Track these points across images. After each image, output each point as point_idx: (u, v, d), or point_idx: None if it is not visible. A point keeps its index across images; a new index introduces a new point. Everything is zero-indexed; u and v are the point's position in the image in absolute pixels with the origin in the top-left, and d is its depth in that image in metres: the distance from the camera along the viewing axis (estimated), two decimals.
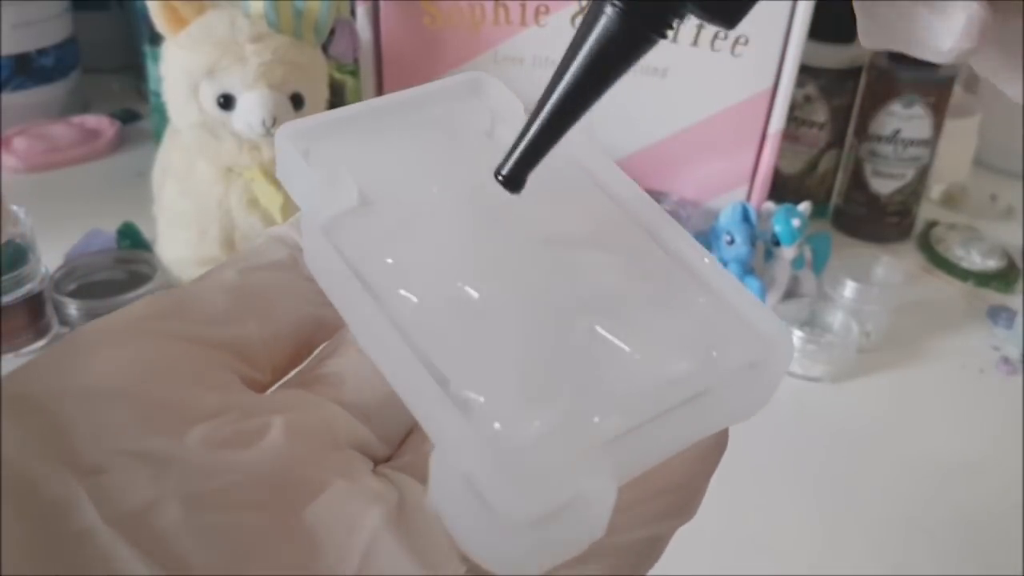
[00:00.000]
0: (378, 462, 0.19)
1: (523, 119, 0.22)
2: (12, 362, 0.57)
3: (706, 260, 0.21)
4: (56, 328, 0.59)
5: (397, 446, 0.20)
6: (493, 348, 0.18)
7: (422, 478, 0.18)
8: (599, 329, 0.19)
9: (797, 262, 0.64)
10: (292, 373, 0.21)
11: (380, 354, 0.19)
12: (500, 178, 0.19)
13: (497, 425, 0.17)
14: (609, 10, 0.17)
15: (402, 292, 0.19)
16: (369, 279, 0.19)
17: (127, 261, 0.62)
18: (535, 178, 0.21)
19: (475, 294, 0.19)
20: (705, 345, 0.19)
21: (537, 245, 0.20)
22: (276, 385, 0.20)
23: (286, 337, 0.20)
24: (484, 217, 0.21)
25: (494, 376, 0.18)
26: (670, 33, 0.18)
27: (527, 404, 0.17)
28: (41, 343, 0.58)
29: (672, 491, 0.19)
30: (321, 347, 0.21)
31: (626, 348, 0.19)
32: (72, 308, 0.57)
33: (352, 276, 0.19)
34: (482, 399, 0.17)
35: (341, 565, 0.16)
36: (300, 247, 0.21)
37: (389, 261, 0.19)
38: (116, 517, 0.15)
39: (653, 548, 0.19)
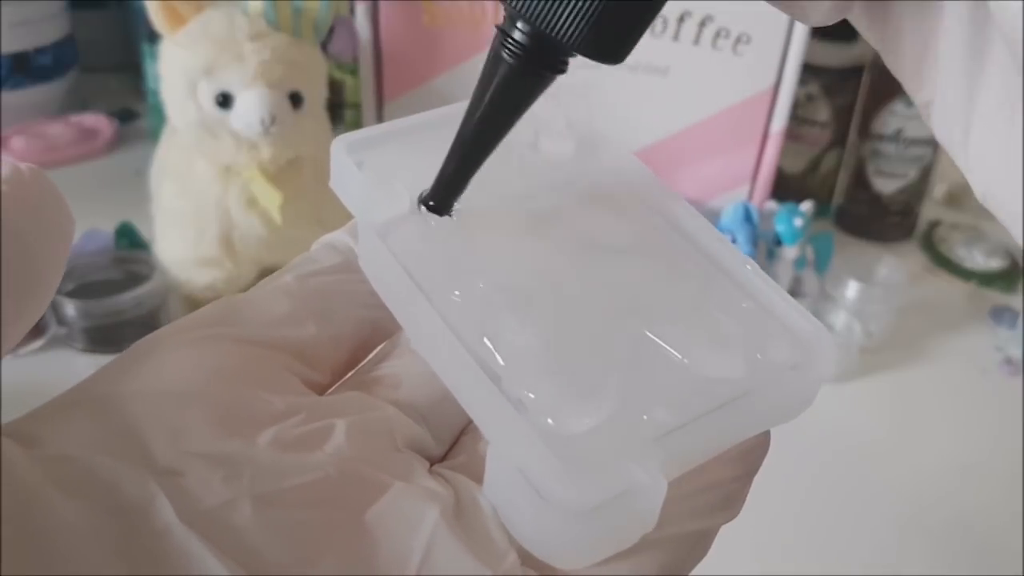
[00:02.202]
0: (433, 461, 0.20)
1: (563, 129, 0.24)
2: (10, 362, 0.56)
3: (748, 267, 0.22)
4: (53, 328, 0.58)
5: (450, 445, 0.21)
6: (544, 349, 0.19)
7: (476, 477, 0.19)
8: (646, 332, 0.20)
9: (799, 262, 0.64)
10: (350, 374, 0.21)
11: (434, 354, 0.20)
12: (428, 205, 0.21)
13: (550, 420, 0.18)
14: (507, 56, 0.19)
15: (455, 294, 0.20)
16: (423, 281, 0.20)
17: (125, 261, 0.62)
18: (580, 187, 0.23)
19: (526, 296, 0.20)
20: (750, 348, 0.20)
21: (585, 252, 0.22)
22: (335, 386, 0.21)
23: (344, 339, 0.21)
24: (532, 224, 0.22)
25: (545, 375, 0.18)
26: (567, 67, 0.20)
27: (578, 402, 0.18)
28: (38, 343, 0.58)
29: (719, 487, 0.20)
30: (377, 349, 0.22)
31: (673, 350, 0.20)
32: (70, 308, 0.57)
33: (407, 278, 0.20)
34: (533, 396, 0.18)
35: (403, 562, 0.17)
36: (353, 252, 0.22)
37: (442, 264, 0.20)
38: (192, 516, 0.16)
39: (701, 542, 0.20)
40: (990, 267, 0.73)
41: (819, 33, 0.66)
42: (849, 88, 0.74)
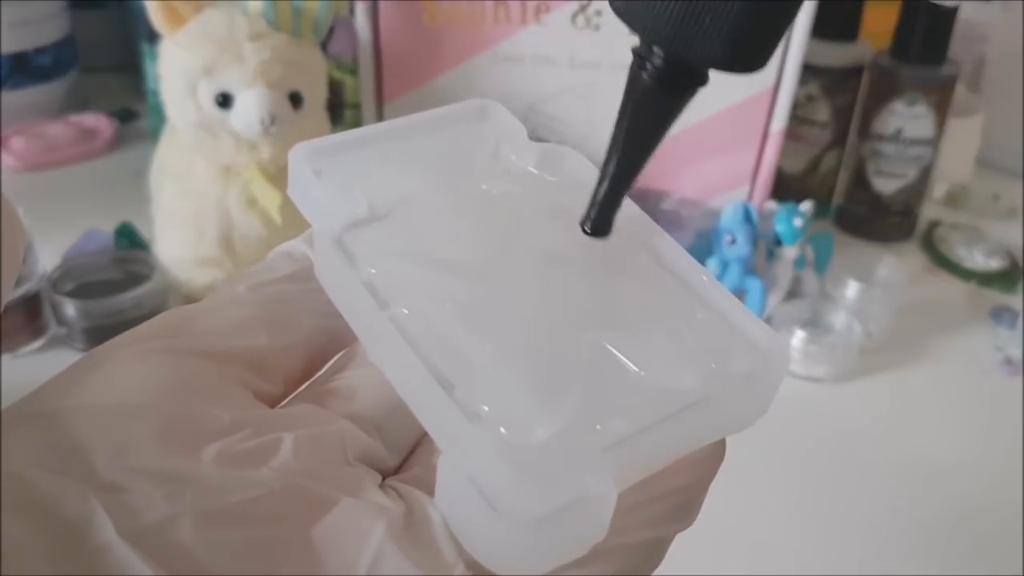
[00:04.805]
0: (387, 473, 0.19)
1: (526, 142, 0.24)
2: (10, 362, 0.56)
3: (704, 277, 0.22)
4: (54, 328, 0.58)
5: (406, 456, 0.20)
6: (499, 359, 0.19)
7: (430, 489, 0.18)
8: (602, 343, 0.20)
9: (799, 262, 0.64)
10: (305, 386, 0.21)
11: (388, 363, 0.20)
12: (587, 229, 0.22)
13: (502, 430, 0.18)
14: (647, 80, 0.20)
15: (410, 302, 0.20)
16: (378, 290, 0.20)
17: (125, 261, 0.62)
18: (540, 199, 0.23)
19: (482, 306, 0.20)
20: (704, 358, 0.20)
21: (543, 262, 0.21)
22: (289, 398, 0.20)
23: (298, 349, 0.21)
24: (492, 235, 0.22)
25: (500, 386, 0.18)
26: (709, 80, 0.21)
27: (531, 411, 0.18)
28: (38, 343, 0.58)
29: (673, 495, 0.19)
30: (334, 359, 0.22)
31: (628, 361, 0.20)
32: (70, 308, 0.57)
33: (361, 286, 0.20)
34: (487, 408, 0.18)
35: None
36: (309, 261, 0.22)
37: (398, 273, 0.20)
38: (132, 533, 0.16)
39: (655, 551, 0.20)
40: (990, 267, 0.73)
41: (819, 33, 0.66)
42: (849, 88, 0.74)
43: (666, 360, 0.20)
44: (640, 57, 0.20)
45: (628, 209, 0.23)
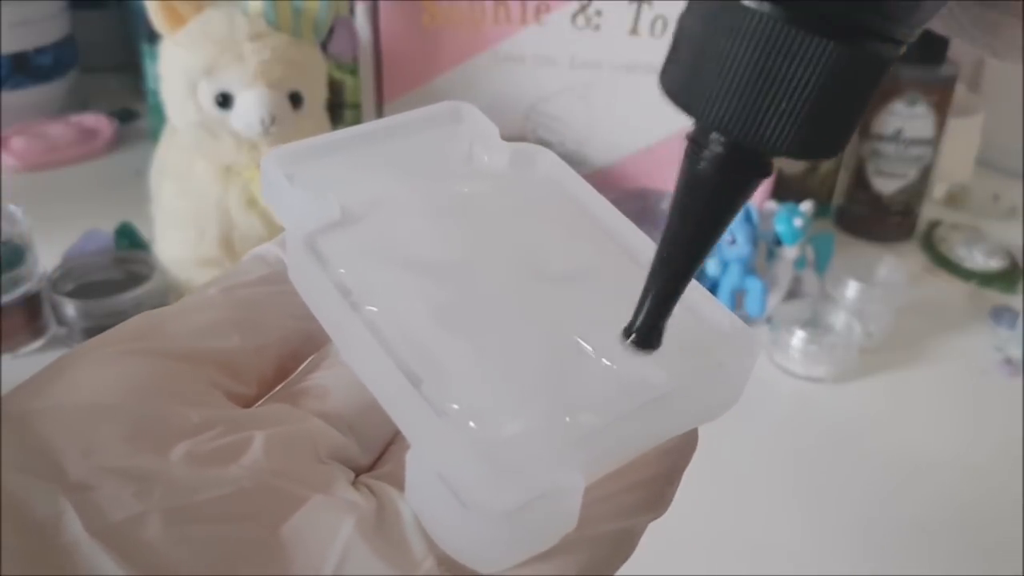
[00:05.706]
0: (360, 471, 0.20)
1: (499, 143, 0.24)
2: (10, 362, 0.56)
3: None
4: (54, 328, 0.58)
5: (379, 454, 0.20)
6: (469, 355, 0.19)
7: (401, 485, 0.18)
8: (571, 337, 0.20)
9: (799, 262, 0.64)
10: (279, 387, 0.21)
11: (359, 361, 0.20)
12: (636, 341, 0.19)
13: (471, 424, 0.18)
14: (706, 169, 0.17)
15: (382, 302, 0.20)
16: (350, 291, 0.20)
17: (125, 261, 0.62)
18: (513, 198, 0.23)
19: (454, 305, 0.20)
20: (673, 350, 0.20)
21: (514, 261, 0.22)
22: (263, 399, 0.21)
23: (271, 350, 0.21)
24: (464, 235, 0.22)
25: (469, 381, 0.19)
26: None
27: (500, 406, 0.18)
28: (38, 343, 0.58)
29: (642, 486, 0.20)
30: (308, 360, 0.22)
31: (599, 354, 0.20)
32: (70, 308, 0.57)
33: (332, 287, 0.20)
34: (456, 405, 0.18)
35: (317, 573, 0.17)
36: (283, 264, 0.22)
37: (370, 273, 0.20)
38: (100, 530, 0.16)
39: (624, 542, 0.20)
40: (990, 267, 0.73)
41: None
42: None
43: (636, 352, 0.20)
44: (696, 143, 0.17)
45: (601, 205, 0.23)
